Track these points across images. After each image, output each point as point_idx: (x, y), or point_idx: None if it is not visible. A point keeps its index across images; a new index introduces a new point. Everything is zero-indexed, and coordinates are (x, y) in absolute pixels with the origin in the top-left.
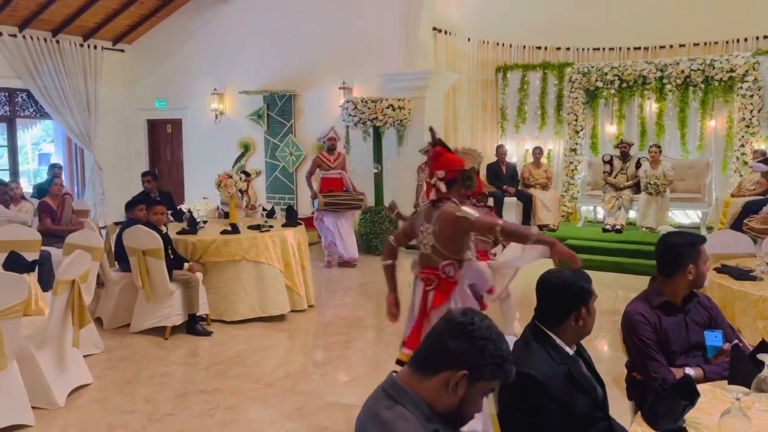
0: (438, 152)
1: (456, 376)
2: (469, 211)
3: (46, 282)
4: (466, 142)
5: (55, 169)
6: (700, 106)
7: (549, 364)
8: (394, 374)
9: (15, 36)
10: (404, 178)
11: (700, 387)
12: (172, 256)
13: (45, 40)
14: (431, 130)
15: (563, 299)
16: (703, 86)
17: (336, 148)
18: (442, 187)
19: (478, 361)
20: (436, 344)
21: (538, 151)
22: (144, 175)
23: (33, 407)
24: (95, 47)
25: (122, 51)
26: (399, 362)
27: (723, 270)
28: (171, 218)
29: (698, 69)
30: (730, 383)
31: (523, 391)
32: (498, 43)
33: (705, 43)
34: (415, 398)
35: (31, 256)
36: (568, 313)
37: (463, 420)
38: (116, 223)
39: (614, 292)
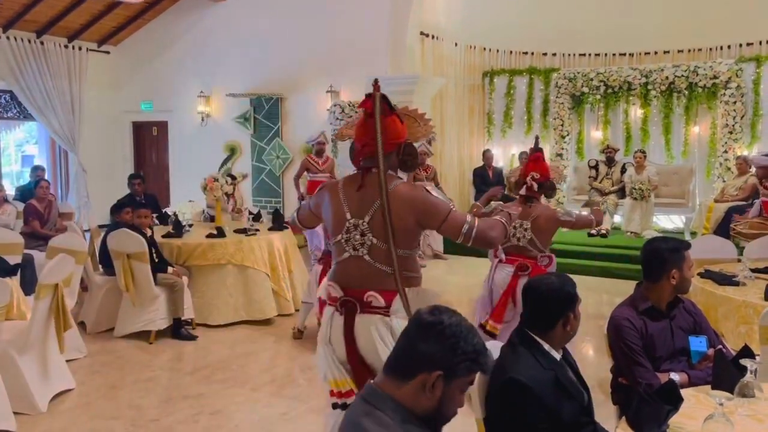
0: (538, 157)
1: (431, 377)
2: (568, 212)
3: (29, 285)
4: (453, 147)
5: (38, 171)
6: (684, 112)
7: (537, 369)
8: (371, 382)
9: None
10: None
11: (684, 392)
12: (157, 260)
13: (29, 41)
14: (537, 138)
15: (552, 305)
16: (687, 93)
17: (325, 152)
18: (535, 186)
19: (451, 360)
20: (408, 348)
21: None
22: (134, 177)
23: (14, 413)
24: (80, 48)
25: (107, 53)
26: (487, 332)
27: (706, 275)
28: (156, 221)
29: (682, 75)
30: (713, 388)
31: (510, 396)
32: (485, 48)
33: (689, 50)
34: (394, 403)
35: (13, 259)
36: (557, 319)
37: (446, 419)
38: (100, 226)
39: (599, 297)
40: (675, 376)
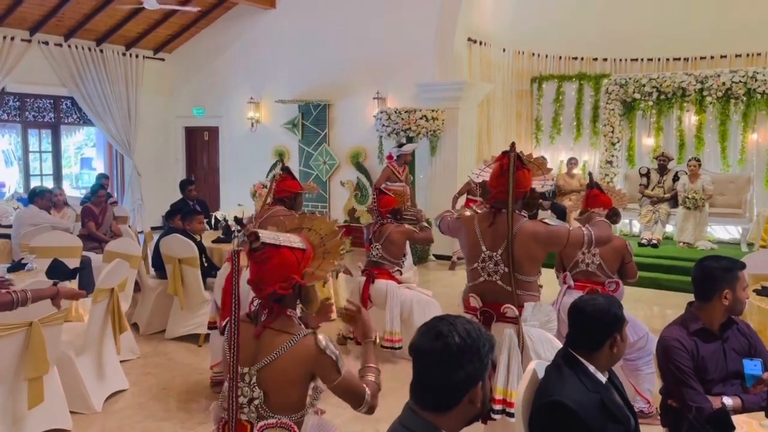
0: (595, 194)
1: (475, 392)
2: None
3: (86, 287)
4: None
5: (102, 180)
6: (742, 119)
7: (582, 392)
8: (411, 408)
9: (61, 45)
10: (437, 187)
11: (736, 418)
12: (206, 264)
13: (89, 49)
14: (590, 174)
15: (598, 327)
16: (745, 99)
17: (408, 163)
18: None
19: (482, 366)
20: (446, 381)
21: (573, 161)
22: (189, 183)
23: (71, 412)
24: (137, 56)
25: (162, 60)
26: None
27: (763, 292)
28: (206, 227)
29: (740, 81)
30: (767, 416)
31: (555, 419)
32: (533, 54)
33: (747, 55)
34: (437, 430)
35: (72, 262)
36: (604, 341)
37: (488, 407)
38: (153, 228)
39: (650, 309)
40: (728, 400)
